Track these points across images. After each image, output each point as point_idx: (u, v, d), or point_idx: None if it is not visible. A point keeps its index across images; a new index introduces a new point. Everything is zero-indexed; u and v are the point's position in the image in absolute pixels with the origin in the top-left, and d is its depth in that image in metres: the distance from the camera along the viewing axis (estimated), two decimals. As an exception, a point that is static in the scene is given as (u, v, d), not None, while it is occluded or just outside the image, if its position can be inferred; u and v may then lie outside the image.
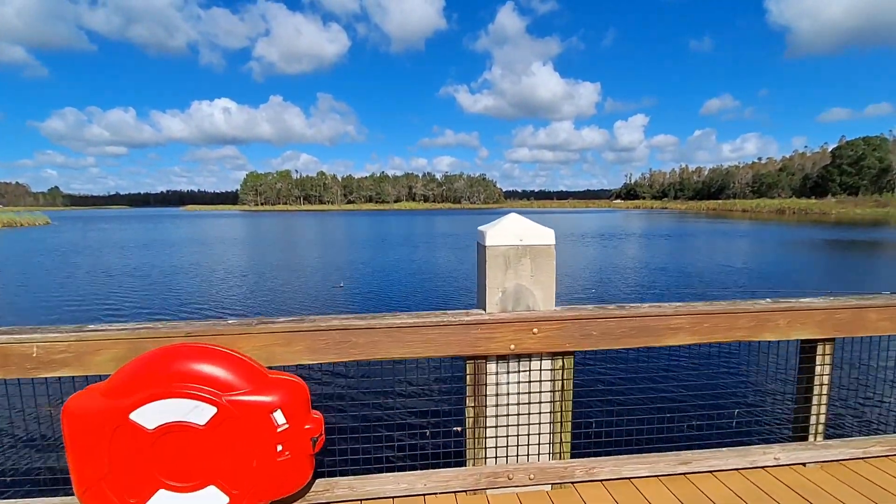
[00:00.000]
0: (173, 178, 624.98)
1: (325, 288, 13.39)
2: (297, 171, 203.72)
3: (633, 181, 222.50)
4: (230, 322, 2.00)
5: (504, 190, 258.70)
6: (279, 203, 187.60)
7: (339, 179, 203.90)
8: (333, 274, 16.06)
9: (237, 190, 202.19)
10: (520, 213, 2.26)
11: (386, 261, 19.78)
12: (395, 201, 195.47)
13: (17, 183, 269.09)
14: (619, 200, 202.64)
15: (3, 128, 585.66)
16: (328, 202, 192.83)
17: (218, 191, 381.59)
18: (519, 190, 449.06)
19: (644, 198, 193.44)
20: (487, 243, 2.09)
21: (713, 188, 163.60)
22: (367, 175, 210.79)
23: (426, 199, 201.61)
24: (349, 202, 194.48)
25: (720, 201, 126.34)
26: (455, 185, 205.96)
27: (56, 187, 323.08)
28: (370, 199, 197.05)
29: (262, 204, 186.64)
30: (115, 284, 13.60)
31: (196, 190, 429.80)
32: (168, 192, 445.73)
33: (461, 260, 20.61)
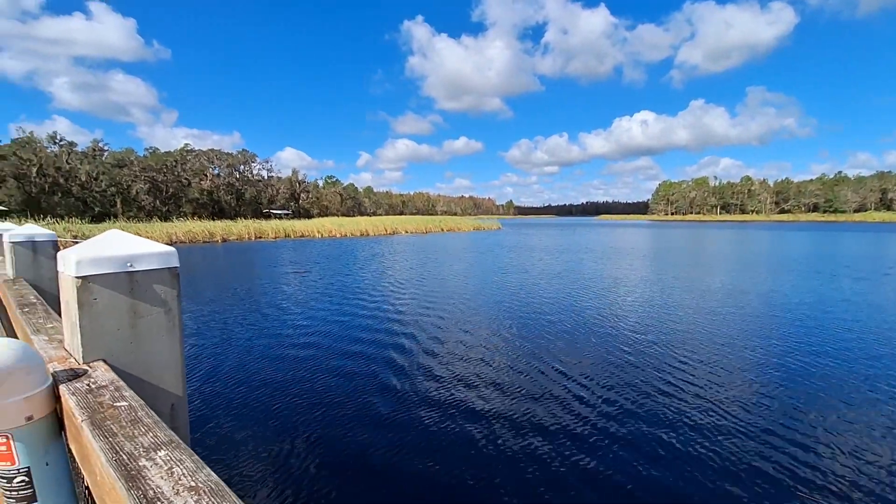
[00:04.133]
0: (591, 191, 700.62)
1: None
2: (715, 178, 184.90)
3: None
4: None
5: None
6: (691, 213, 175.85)
7: (770, 184, 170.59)
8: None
9: (648, 200, 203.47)
10: None
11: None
12: (857, 210, 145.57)
13: (488, 198, 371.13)
14: None
15: (485, 158, 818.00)
16: (752, 211, 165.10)
17: (629, 201, 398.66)
18: None
19: None
20: None
21: None
22: (814, 178, 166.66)
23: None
24: (782, 211, 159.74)
25: None
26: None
27: (511, 200, 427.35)
28: (814, 209, 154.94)
29: (672, 213, 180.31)
30: (501, 280, 15.39)
31: (610, 201, 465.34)
32: (587, 203, 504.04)
33: None
